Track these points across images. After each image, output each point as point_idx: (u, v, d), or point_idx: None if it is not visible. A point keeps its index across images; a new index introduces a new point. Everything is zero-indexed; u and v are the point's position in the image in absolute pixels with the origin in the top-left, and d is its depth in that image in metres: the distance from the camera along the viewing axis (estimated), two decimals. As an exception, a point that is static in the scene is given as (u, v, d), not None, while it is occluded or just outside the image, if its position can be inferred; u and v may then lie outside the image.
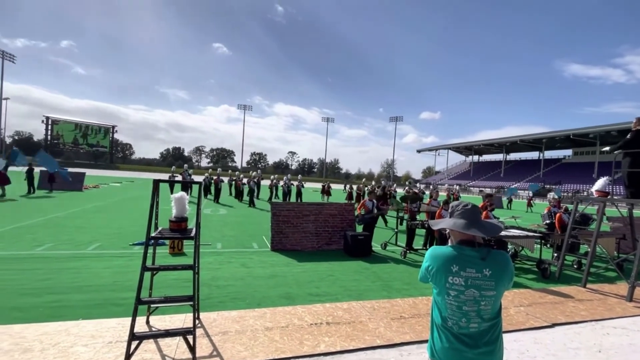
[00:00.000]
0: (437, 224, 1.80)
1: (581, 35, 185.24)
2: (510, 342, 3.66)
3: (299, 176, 22.20)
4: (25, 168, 16.72)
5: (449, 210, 1.78)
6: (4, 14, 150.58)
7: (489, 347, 1.59)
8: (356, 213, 8.41)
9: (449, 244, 1.72)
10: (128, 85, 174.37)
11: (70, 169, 21.00)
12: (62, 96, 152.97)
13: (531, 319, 4.30)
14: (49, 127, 70.33)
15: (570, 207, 7.64)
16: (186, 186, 12.27)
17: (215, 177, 18.54)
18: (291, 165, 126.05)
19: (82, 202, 13.96)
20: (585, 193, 44.28)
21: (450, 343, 1.60)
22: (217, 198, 17.77)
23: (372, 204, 8.23)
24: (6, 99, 59.76)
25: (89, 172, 29.13)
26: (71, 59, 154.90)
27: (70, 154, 75.23)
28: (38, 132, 78.31)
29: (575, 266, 7.33)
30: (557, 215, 8.39)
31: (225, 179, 21.02)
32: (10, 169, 15.78)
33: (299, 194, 19.73)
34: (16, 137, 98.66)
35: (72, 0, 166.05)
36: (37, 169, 17.54)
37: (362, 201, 8.48)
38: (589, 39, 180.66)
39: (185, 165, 20.30)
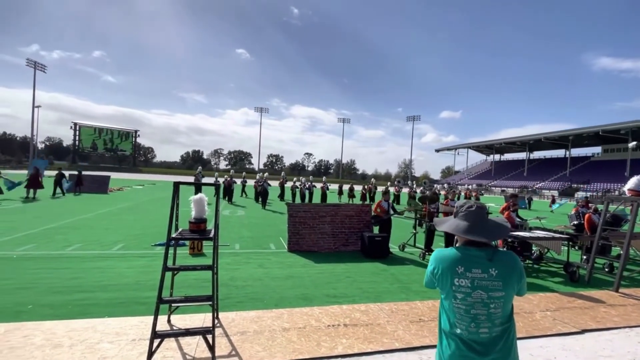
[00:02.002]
0: (440, 225, 1.74)
1: (612, 26, 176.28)
2: (537, 348, 3.51)
3: (324, 178, 21.91)
4: (54, 173, 17.62)
5: (454, 211, 1.71)
6: (43, 29, 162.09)
7: (501, 354, 1.50)
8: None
9: (455, 245, 1.66)
10: (151, 91, 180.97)
11: (96, 173, 21.89)
12: (90, 102, 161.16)
13: (559, 324, 4.11)
14: (77, 132, 73.75)
15: (601, 207, 7.27)
16: (200, 188, 12.60)
17: (228, 179, 18.91)
18: (307, 166, 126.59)
19: (108, 204, 14.53)
20: (616, 192, 42.06)
21: (459, 350, 1.52)
22: (230, 199, 18.35)
23: (387, 205, 8.13)
24: (38, 107, 63.14)
25: (113, 175, 30.30)
26: (100, 68, 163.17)
27: (96, 158, 78.70)
28: (67, 137, 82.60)
29: (606, 269, 6.95)
30: (587, 215, 8.01)
31: (238, 180, 21.32)
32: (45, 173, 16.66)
33: (324, 196, 19.26)
34: (47, 143, 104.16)
35: (102, 12, 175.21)
36: (66, 173, 18.44)
37: (377, 202, 8.39)
38: (621, 31, 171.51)
39: (200, 168, 20.78)
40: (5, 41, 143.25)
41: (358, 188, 24.61)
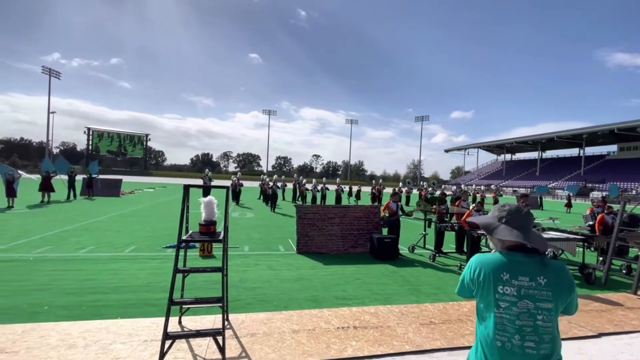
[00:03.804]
0: (489, 229, 1.55)
1: (627, 22, 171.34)
2: (551, 352, 3.42)
3: (338, 180, 21.73)
4: (66, 176, 18.02)
5: (496, 214, 1.56)
6: (64, 38, 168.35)
7: None
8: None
9: (494, 251, 1.54)
10: (163, 96, 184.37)
11: (108, 176, 22.32)
12: (105, 108, 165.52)
13: (574, 327, 4.01)
14: (90, 137, 75.44)
15: (616, 207, 7.08)
16: (209, 190, 12.74)
17: (235, 181, 19.07)
18: (315, 168, 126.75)
19: (120, 207, 14.80)
20: (633, 192, 40.87)
21: None
22: (237, 201, 18.63)
23: (395, 206, 8.07)
24: (53, 112, 64.86)
25: (125, 178, 30.87)
26: (116, 74, 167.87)
27: (109, 162, 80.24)
28: (81, 142, 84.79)
29: (623, 271, 6.75)
30: (599, 216, 7.80)
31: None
32: (55, 178, 17.04)
33: (338, 199, 18.96)
34: (62, 148, 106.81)
35: (118, 19, 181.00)
36: (79, 177, 18.87)
37: (385, 203, 8.34)
38: (636, 26, 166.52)
39: (206, 170, 20.95)
40: (27, 50, 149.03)
41: (367, 189, 24.49)
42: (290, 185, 23.36)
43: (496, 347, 1.40)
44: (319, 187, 19.87)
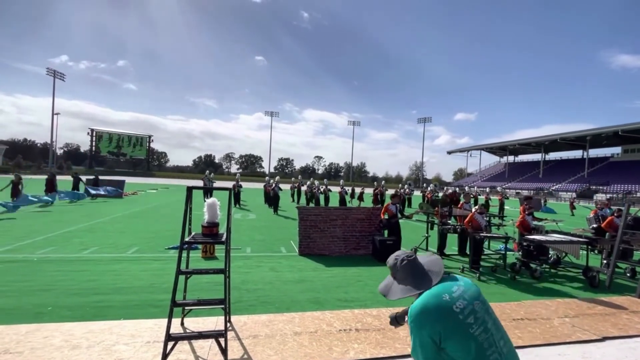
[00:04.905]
0: (394, 295, 1.61)
1: (631, 23, 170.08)
2: (555, 356, 3.40)
3: (341, 181, 21.70)
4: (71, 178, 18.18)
5: (390, 273, 1.66)
6: (71, 40, 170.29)
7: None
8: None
9: (428, 290, 1.53)
10: (167, 98, 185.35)
11: (111, 177, 22.44)
12: (109, 110, 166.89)
13: (578, 331, 3.98)
14: (93, 138, 75.89)
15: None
16: (207, 192, 12.74)
17: (234, 183, 19.10)
18: (317, 169, 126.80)
19: (123, 208, 14.86)
20: (637, 194, 40.58)
21: None
22: (237, 203, 18.53)
23: (395, 208, 8.06)
24: (57, 114, 65.36)
25: (128, 179, 31.01)
26: (122, 76, 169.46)
27: (112, 163, 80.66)
28: (85, 143, 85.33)
29: (628, 274, 6.71)
30: (609, 218, 7.74)
31: (248, 184, 21.30)
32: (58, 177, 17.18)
33: (342, 201, 18.60)
34: (65, 149, 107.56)
35: (125, 22, 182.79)
36: (83, 178, 18.99)
37: (385, 205, 8.33)
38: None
39: (207, 172, 20.95)
40: (35, 53, 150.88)
41: (369, 191, 24.46)
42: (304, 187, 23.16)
43: None
44: (322, 189, 19.80)
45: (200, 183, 22.54)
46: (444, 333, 1.37)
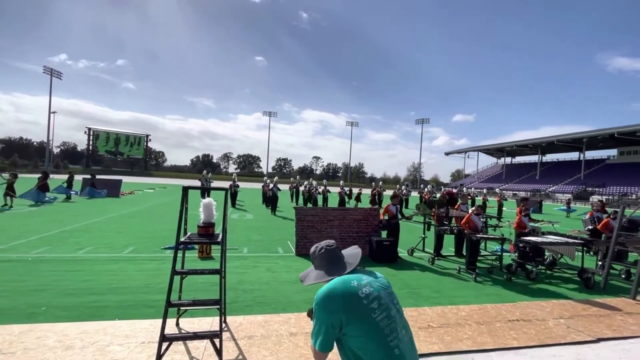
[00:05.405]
0: (305, 280, 1.68)
1: (628, 26, 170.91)
2: (549, 357, 3.42)
3: (341, 182, 21.61)
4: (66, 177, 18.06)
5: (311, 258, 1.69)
6: (70, 39, 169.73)
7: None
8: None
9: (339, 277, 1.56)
10: (165, 98, 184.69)
11: (108, 176, 22.35)
12: (108, 109, 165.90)
13: (573, 332, 4.00)
14: (91, 137, 75.52)
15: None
16: (204, 192, 12.70)
17: (230, 183, 19.05)
18: (315, 170, 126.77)
19: (119, 208, 14.79)
20: (633, 196, 40.87)
21: None
22: (233, 203, 18.42)
23: (395, 209, 8.07)
24: (54, 112, 64.99)
25: (125, 179, 30.88)
26: (121, 75, 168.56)
27: (109, 162, 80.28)
28: (82, 142, 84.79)
29: (623, 276, 6.75)
30: (605, 220, 7.79)
31: (246, 184, 21.12)
32: (52, 176, 17.03)
33: (341, 202, 18.51)
34: (62, 148, 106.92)
35: (125, 21, 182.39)
36: (77, 177, 18.87)
37: (385, 206, 8.34)
38: (637, 30, 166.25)
39: (205, 172, 20.85)
40: (34, 52, 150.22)
41: (367, 192, 24.50)
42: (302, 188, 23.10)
43: (395, 356, 1.38)
44: (320, 189, 19.76)
45: (197, 183, 22.46)
46: (346, 317, 1.38)
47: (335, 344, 1.44)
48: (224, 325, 3.61)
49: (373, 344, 1.36)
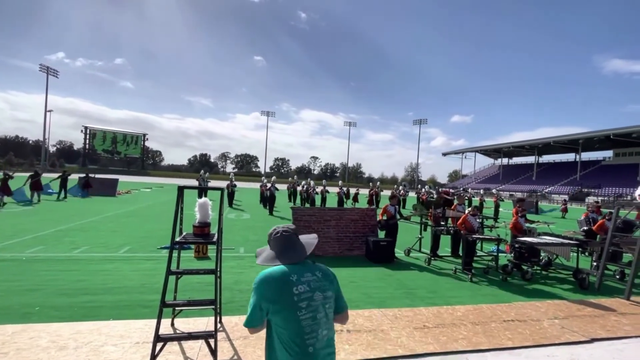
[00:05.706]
0: (258, 258, 1.72)
1: (624, 28, 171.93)
2: (544, 357, 3.44)
3: (340, 182, 21.51)
4: (59, 174, 17.88)
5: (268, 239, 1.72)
6: (68, 38, 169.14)
7: (332, 348, 1.56)
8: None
9: (284, 264, 1.61)
10: (163, 96, 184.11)
11: (105, 175, 22.19)
12: (105, 107, 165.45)
13: (567, 332, 4.03)
14: (87, 136, 75.07)
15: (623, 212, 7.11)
16: (202, 192, 12.63)
17: (227, 183, 19.00)
18: (313, 170, 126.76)
19: (116, 207, 14.71)
20: (628, 197, 41.19)
21: None
22: (230, 203, 18.32)
23: (394, 209, 8.08)
24: (50, 111, 64.54)
25: (121, 178, 30.71)
26: (119, 74, 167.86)
27: (106, 161, 79.87)
28: (79, 141, 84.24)
29: (617, 276, 6.80)
30: (601, 221, 7.84)
31: (319, 189, 20.50)
32: (44, 175, 16.83)
33: (340, 203, 18.42)
34: (58, 147, 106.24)
35: (123, 20, 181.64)
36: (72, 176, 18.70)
37: (383, 207, 8.35)
38: (633, 32, 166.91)
39: (202, 171, 20.77)
40: (31, 49, 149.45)
41: (365, 192, 24.52)
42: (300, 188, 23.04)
43: (308, 353, 1.45)
44: (318, 189, 19.74)
45: (195, 183, 22.38)
46: (274, 307, 1.47)
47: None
48: (219, 325, 3.60)
49: (291, 337, 1.45)
